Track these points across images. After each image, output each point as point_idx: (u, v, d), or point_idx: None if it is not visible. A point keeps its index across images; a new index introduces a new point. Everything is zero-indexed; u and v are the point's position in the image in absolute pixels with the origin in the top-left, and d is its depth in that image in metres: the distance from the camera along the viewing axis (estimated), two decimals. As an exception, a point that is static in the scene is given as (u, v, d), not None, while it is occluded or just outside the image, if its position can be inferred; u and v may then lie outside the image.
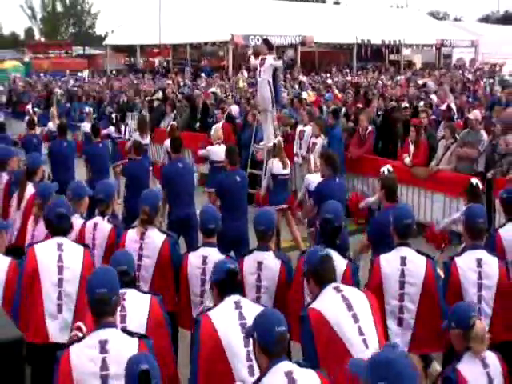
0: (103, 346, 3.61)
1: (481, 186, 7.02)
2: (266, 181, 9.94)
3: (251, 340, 3.50)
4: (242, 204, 8.23)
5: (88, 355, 3.60)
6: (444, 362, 4.83)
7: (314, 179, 8.43)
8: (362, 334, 4.07)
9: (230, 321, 4.10)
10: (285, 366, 3.38)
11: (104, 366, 3.58)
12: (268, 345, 3.37)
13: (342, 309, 4.12)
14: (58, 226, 5.18)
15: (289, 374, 3.33)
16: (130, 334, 3.76)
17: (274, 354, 3.37)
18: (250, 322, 3.80)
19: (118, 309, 4.04)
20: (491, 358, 3.97)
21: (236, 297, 4.24)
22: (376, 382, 2.77)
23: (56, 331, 4.92)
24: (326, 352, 4.06)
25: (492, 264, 5.11)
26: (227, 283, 4.25)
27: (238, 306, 4.18)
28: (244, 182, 8.33)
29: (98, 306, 3.73)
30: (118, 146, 13.74)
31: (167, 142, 10.80)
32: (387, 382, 2.74)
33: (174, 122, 13.23)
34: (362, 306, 4.18)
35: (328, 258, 4.35)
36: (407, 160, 11.17)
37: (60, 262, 4.98)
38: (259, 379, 3.39)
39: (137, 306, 4.35)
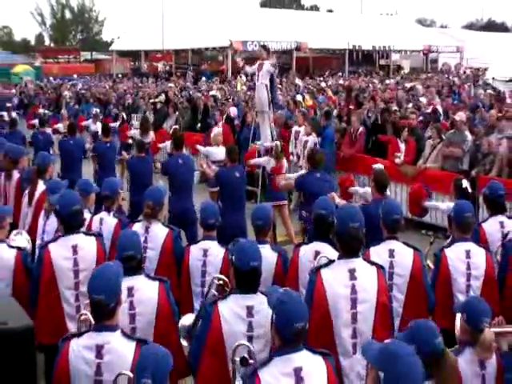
0: (99, 350, 3.45)
1: (469, 188, 7.04)
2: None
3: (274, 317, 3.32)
4: (240, 198, 8.28)
5: (84, 357, 3.47)
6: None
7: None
8: (354, 337, 4.10)
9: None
10: (296, 359, 3.24)
11: (98, 371, 3.45)
12: (284, 336, 3.26)
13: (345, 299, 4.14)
14: (72, 223, 5.02)
15: (297, 371, 3.21)
16: (129, 337, 3.56)
17: (289, 344, 3.26)
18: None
19: (127, 306, 4.05)
20: (491, 362, 3.87)
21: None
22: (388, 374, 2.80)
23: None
24: (316, 328, 4.05)
25: (480, 255, 5.12)
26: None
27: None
28: (243, 178, 8.40)
29: (95, 310, 3.55)
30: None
31: (168, 142, 10.84)
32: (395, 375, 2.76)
33: (177, 126, 13.25)
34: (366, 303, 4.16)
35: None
36: (398, 159, 11.21)
37: (76, 267, 4.89)
38: (268, 360, 3.27)
39: (145, 300, 4.25)
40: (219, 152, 10.20)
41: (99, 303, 3.47)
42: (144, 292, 4.27)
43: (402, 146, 11.44)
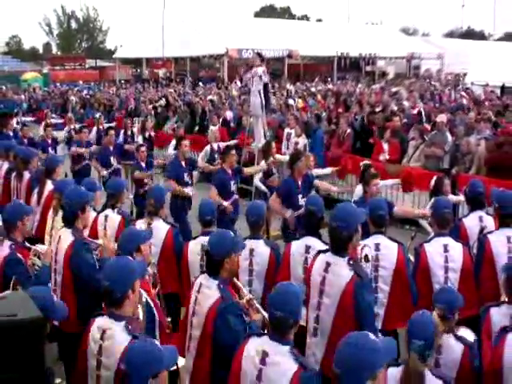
0: (102, 334, 3.48)
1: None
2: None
3: None
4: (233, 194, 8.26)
5: (94, 336, 3.53)
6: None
7: None
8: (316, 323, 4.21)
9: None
10: (264, 346, 3.29)
11: (99, 351, 3.47)
12: (269, 320, 3.35)
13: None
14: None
15: (264, 356, 3.27)
16: (129, 331, 3.44)
17: (272, 331, 3.32)
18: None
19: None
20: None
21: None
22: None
23: None
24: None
25: (457, 249, 5.12)
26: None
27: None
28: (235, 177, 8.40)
29: (105, 296, 3.57)
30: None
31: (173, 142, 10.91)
32: None
33: (176, 126, 13.24)
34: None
35: None
36: (383, 157, 11.25)
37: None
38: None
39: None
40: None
41: (106, 290, 3.50)
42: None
43: (386, 146, 11.48)
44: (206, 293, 4.00)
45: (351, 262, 4.15)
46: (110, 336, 3.47)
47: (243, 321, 3.88)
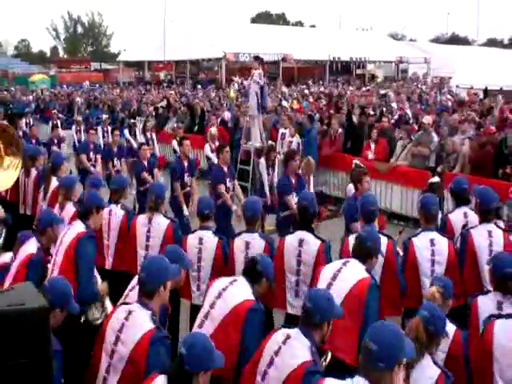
0: (128, 315, 3.55)
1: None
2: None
3: None
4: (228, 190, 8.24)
5: (119, 315, 3.60)
6: (402, 325, 4.85)
7: None
8: None
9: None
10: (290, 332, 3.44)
11: (121, 328, 3.53)
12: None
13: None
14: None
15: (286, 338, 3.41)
16: (154, 321, 3.52)
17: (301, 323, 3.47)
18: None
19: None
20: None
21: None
22: None
23: None
24: None
25: (442, 243, 5.11)
26: None
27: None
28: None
29: (139, 284, 3.67)
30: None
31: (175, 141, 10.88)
32: None
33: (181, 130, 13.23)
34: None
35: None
36: (370, 156, 11.27)
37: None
38: None
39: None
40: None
41: (140, 280, 3.62)
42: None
43: (373, 146, 11.49)
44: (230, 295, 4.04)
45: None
46: (135, 317, 3.53)
47: None
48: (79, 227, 4.83)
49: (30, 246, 4.82)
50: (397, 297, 4.97)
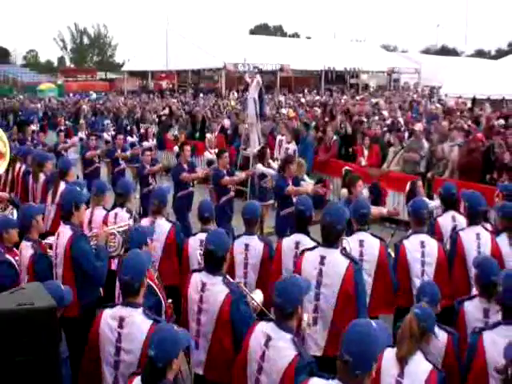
0: (121, 322, 3.50)
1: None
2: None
3: None
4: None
5: (110, 325, 3.54)
6: (394, 322, 4.86)
7: None
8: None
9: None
10: (269, 330, 3.35)
11: (119, 339, 3.50)
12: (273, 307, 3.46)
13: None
14: None
15: (268, 339, 3.34)
16: (149, 316, 3.51)
17: (277, 318, 3.41)
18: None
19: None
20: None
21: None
22: None
23: None
24: None
25: (432, 245, 5.13)
26: None
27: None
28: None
29: (123, 288, 3.64)
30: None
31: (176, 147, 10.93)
32: None
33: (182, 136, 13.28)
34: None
35: None
36: (363, 162, 11.29)
37: None
38: None
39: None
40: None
41: (126, 282, 3.55)
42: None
43: (366, 152, 11.51)
44: (213, 289, 3.97)
45: (344, 252, 4.25)
46: (131, 323, 3.49)
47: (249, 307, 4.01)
48: (67, 232, 4.82)
49: (27, 251, 4.90)
50: (390, 297, 4.99)
